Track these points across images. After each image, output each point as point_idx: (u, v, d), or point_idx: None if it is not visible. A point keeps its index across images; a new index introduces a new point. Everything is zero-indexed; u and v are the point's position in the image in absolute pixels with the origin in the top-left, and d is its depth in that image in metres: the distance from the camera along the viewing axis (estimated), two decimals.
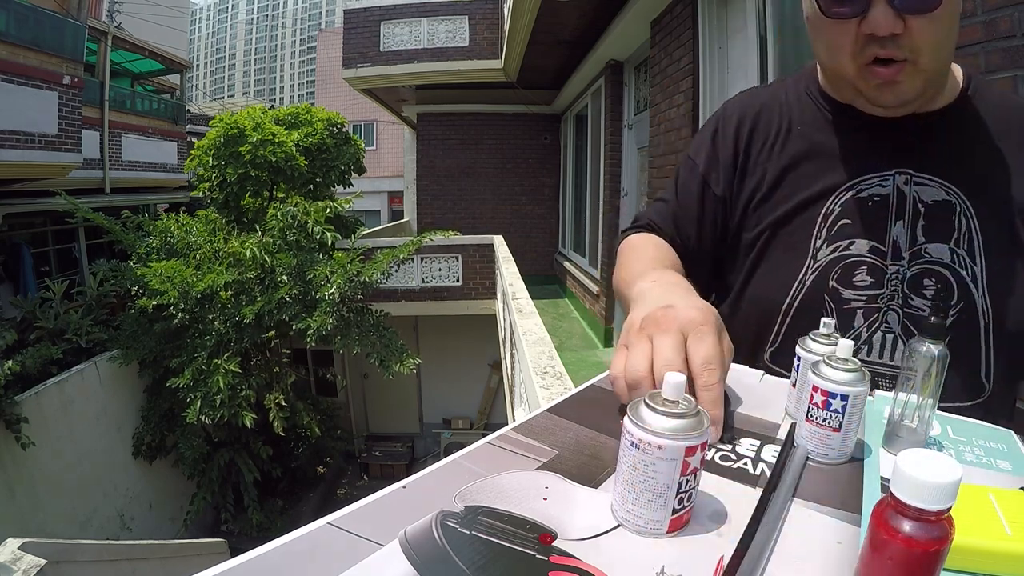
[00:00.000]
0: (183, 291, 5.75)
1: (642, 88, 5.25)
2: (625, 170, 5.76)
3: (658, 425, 0.36)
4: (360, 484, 9.19)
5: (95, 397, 5.93)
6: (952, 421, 0.57)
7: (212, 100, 56.35)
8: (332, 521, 0.37)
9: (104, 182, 8.45)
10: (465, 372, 9.53)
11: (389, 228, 11.38)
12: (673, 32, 3.68)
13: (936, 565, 0.29)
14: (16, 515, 4.91)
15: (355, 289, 6.09)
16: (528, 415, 0.54)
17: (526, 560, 0.34)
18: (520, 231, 9.63)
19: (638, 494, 0.37)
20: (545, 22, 5.28)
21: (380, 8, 8.28)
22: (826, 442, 0.49)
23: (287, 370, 6.92)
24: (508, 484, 0.42)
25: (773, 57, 2.66)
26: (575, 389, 0.60)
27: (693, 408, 0.37)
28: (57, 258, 8.12)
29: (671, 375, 0.38)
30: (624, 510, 0.38)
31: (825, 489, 0.45)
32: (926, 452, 0.29)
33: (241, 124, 6.54)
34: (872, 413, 0.57)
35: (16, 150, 5.91)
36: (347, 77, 8.43)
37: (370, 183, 17.36)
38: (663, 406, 0.37)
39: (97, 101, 8.22)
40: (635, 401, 0.39)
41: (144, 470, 6.55)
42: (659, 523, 0.37)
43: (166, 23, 16.96)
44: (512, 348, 4.25)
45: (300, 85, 71.15)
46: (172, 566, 4.29)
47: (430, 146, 9.82)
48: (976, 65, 1.40)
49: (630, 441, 0.37)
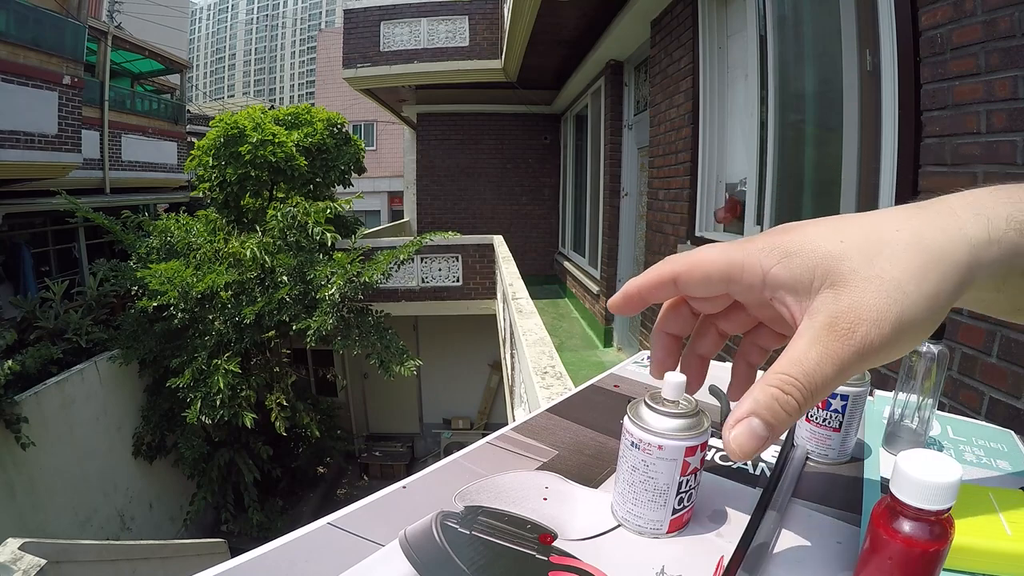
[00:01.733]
0: (183, 291, 5.75)
1: (642, 88, 5.25)
2: (625, 170, 5.76)
3: (658, 425, 0.36)
4: (360, 484, 9.19)
5: (95, 397, 5.92)
6: (952, 421, 0.57)
7: (212, 100, 56.38)
8: (332, 521, 0.37)
9: (104, 182, 8.45)
10: (465, 372, 9.53)
11: (389, 228, 11.38)
12: (673, 32, 3.68)
13: (936, 565, 0.29)
14: (16, 515, 4.91)
15: (355, 289, 6.09)
16: (528, 415, 0.54)
17: (526, 560, 0.34)
18: (520, 231, 9.64)
19: (638, 494, 0.37)
20: (545, 22, 5.28)
21: (380, 8, 8.28)
22: (826, 442, 0.49)
23: (287, 370, 6.92)
24: (508, 484, 0.42)
25: (773, 57, 2.66)
26: (575, 389, 0.60)
27: (693, 408, 0.37)
28: (57, 258, 8.11)
29: (671, 375, 0.37)
30: (624, 510, 0.38)
31: (825, 489, 0.45)
32: (926, 452, 0.29)
33: (241, 124, 6.54)
34: (872, 413, 0.57)
35: (16, 150, 5.91)
36: (347, 77, 8.42)
37: (370, 183, 17.38)
38: (663, 406, 0.37)
39: (97, 101, 8.22)
40: (635, 401, 0.39)
41: (144, 470, 6.55)
42: (659, 523, 0.37)
43: (166, 23, 16.96)
44: (512, 348, 4.25)
45: (300, 85, 71.14)
46: (172, 566, 4.29)
47: (430, 146, 9.82)
48: (976, 65, 1.40)
49: (630, 441, 0.37)
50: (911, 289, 0.28)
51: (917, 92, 1.60)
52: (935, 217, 0.30)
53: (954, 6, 1.46)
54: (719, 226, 3.20)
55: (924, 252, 0.29)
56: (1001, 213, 0.30)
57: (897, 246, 0.29)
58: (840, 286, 0.29)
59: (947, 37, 1.49)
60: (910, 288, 0.28)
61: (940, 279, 0.29)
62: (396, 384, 8.01)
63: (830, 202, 2.20)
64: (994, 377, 1.31)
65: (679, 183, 3.60)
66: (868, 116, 1.93)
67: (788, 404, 0.28)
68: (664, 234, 3.92)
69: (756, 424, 0.29)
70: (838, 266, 0.29)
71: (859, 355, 0.28)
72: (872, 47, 1.85)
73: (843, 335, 0.28)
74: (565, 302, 8.13)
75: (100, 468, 5.92)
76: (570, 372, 2.76)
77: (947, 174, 1.51)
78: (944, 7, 1.50)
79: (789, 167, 2.61)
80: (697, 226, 3.36)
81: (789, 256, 0.30)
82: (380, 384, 8.55)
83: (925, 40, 1.57)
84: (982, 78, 1.38)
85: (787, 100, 2.62)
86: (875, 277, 0.28)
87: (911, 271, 0.28)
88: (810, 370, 0.28)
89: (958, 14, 1.45)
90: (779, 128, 2.65)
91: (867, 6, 1.89)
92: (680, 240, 3.55)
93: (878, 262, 0.29)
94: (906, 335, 0.29)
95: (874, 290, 0.28)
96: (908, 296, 0.28)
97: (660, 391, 0.38)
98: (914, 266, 0.28)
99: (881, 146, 1.79)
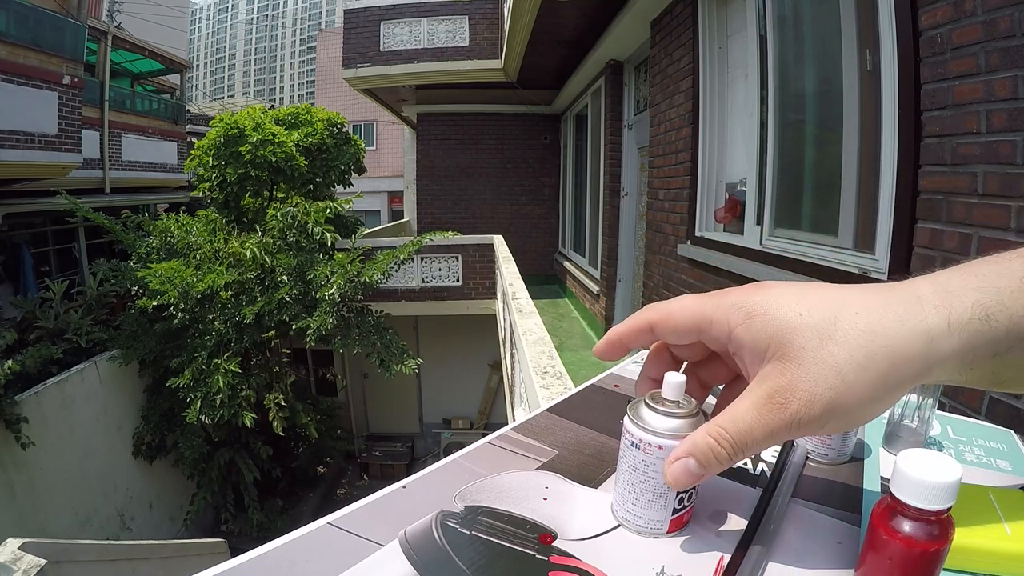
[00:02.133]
0: (183, 291, 5.75)
1: (642, 88, 5.25)
2: (625, 170, 5.76)
3: (659, 425, 0.36)
4: (360, 484, 9.19)
5: (95, 397, 5.93)
6: (952, 421, 0.57)
7: (212, 100, 56.37)
8: (332, 521, 0.37)
9: (104, 182, 8.45)
10: (465, 372, 9.54)
11: (389, 228, 11.38)
12: (673, 32, 3.68)
13: (936, 565, 0.29)
14: (16, 515, 4.91)
15: (355, 289, 6.09)
16: (528, 415, 0.54)
17: (526, 560, 0.34)
18: (520, 231, 9.64)
19: (638, 494, 0.37)
20: (545, 22, 5.28)
21: (380, 8, 8.28)
22: (826, 442, 0.49)
23: (287, 370, 6.92)
24: (508, 484, 0.42)
25: (773, 57, 2.66)
26: (575, 389, 0.60)
27: (694, 408, 0.37)
28: (57, 258, 8.12)
29: (671, 375, 0.37)
30: (624, 510, 0.38)
31: (825, 489, 0.45)
32: (926, 452, 0.29)
33: (241, 124, 6.54)
34: None
35: (16, 150, 5.91)
36: (347, 77, 8.43)
37: (370, 183, 17.37)
38: (664, 406, 0.37)
39: (97, 101, 8.22)
40: (635, 401, 0.38)
41: (144, 470, 6.55)
42: (660, 523, 0.37)
43: (166, 23, 16.96)
44: (512, 348, 4.25)
45: (300, 85, 71.14)
46: (172, 566, 4.29)
47: (430, 146, 9.82)
48: (976, 65, 1.40)
49: (630, 441, 0.37)
50: (851, 377, 0.29)
51: (917, 92, 1.60)
52: (897, 305, 0.31)
53: (954, 6, 1.46)
54: (719, 226, 3.20)
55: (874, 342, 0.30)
56: (967, 301, 0.30)
57: (850, 331, 0.30)
58: (788, 360, 0.31)
59: (947, 37, 1.49)
60: (850, 376, 0.29)
61: (887, 370, 0.29)
62: (396, 384, 8.02)
63: (830, 202, 2.20)
64: None
65: (679, 183, 3.60)
66: (868, 116, 1.93)
67: (720, 454, 0.32)
68: (664, 234, 3.92)
69: (692, 464, 0.32)
70: (791, 339, 0.31)
71: (787, 428, 0.31)
72: (872, 47, 1.85)
73: (777, 408, 0.30)
74: (565, 302, 8.14)
75: (100, 468, 5.92)
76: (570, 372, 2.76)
77: (947, 174, 1.51)
78: (944, 7, 1.50)
79: (789, 167, 2.61)
80: (697, 226, 3.36)
81: (752, 318, 0.32)
82: (380, 384, 8.55)
83: (925, 40, 1.57)
84: (982, 78, 1.38)
85: (787, 100, 2.62)
86: (820, 359, 0.30)
87: (856, 359, 0.29)
88: (743, 431, 0.31)
89: (958, 14, 1.45)
90: (779, 128, 2.65)
91: (867, 6, 1.89)
92: (680, 240, 3.55)
93: (827, 345, 0.30)
94: (836, 417, 0.30)
95: (815, 372, 0.30)
96: (845, 383, 0.29)
97: (660, 391, 0.38)
98: (860, 355, 0.29)
99: (881, 146, 1.79)
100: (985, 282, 0.31)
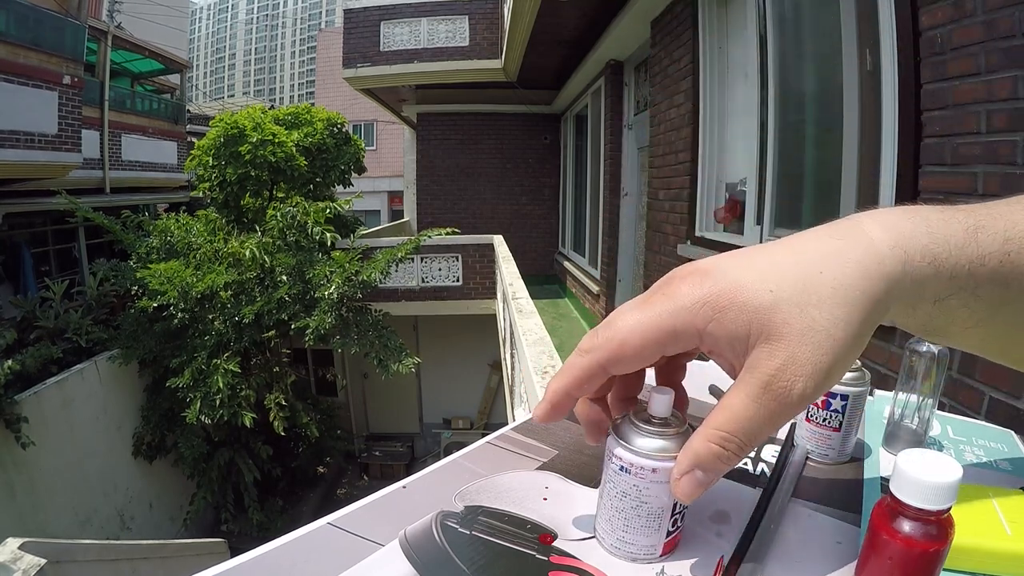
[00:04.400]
0: (183, 291, 5.75)
1: (642, 88, 5.25)
2: (625, 170, 5.76)
3: (650, 447, 0.34)
4: (360, 484, 9.19)
5: (95, 397, 5.93)
6: (952, 421, 0.57)
7: (212, 100, 56.34)
8: (332, 521, 0.37)
9: (104, 182, 8.44)
10: (465, 372, 9.53)
11: (389, 228, 11.38)
12: (673, 32, 3.68)
13: (936, 565, 0.29)
14: (16, 515, 4.91)
15: (354, 288, 6.09)
16: (528, 415, 0.54)
17: (526, 560, 0.34)
18: (520, 231, 9.63)
19: (629, 520, 0.35)
20: (545, 22, 5.28)
21: (380, 8, 8.28)
22: (826, 442, 0.49)
23: (287, 370, 6.92)
24: (508, 484, 0.42)
25: (773, 57, 2.66)
26: None
27: (683, 425, 0.35)
28: (57, 258, 8.11)
29: (659, 390, 0.35)
30: (614, 538, 0.36)
31: (825, 489, 0.45)
32: (926, 452, 0.29)
33: (241, 124, 6.54)
34: (872, 413, 0.57)
35: (16, 150, 5.91)
36: (347, 77, 8.43)
37: (370, 183, 17.37)
38: (653, 425, 0.34)
39: (97, 101, 8.22)
40: (620, 421, 0.36)
41: (144, 470, 6.55)
42: (653, 548, 0.35)
43: (166, 23, 16.95)
44: (512, 348, 4.25)
45: (300, 85, 71.13)
46: (172, 566, 4.29)
47: (430, 146, 9.82)
48: (976, 65, 1.40)
49: (619, 466, 0.34)
50: (840, 335, 0.29)
51: (917, 92, 1.60)
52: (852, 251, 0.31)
53: (954, 6, 1.46)
54: (719, 226, 3.21)
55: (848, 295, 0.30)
56: (917, 245, 0.31)
57: (823, 292, 0.30)
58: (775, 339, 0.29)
59: (947, 37, 1.49)
60: (839, 334, 0.29)
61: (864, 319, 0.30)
62: (396, 384, 8.01)
63: (830, 202, 2.20)
64: (994, 377, 1.31)
65: (679, 183, 3.60)
66: (868, 116, 1.93)
67: (729, 459, 0.30)
68: (664, 234, 3.92)
69: (700, 476, 0.31)
70: (771, 318, 0.29)
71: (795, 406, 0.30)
72: (872, 47, 1.85)
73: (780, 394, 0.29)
74: (565, 302, 8.13)
75: (100, 468, 5.92)
76: None
77: (947, 174, 1.52)
78: (944, 7, 1.50)
79: (789, 167, 2.61)
80: (697, 226, 3.36)
81: (721, 311, 0.30)
82: (380, 384, 8.55)
83: (925, 40, 1.57)
84: (982, 78, 1.38)
85: (787, 100, 2.62)
86: (807, 328, 0.29)
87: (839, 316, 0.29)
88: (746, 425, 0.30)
89: (958, 14, 1.45)
90: (779, 128, 2.65)
91: (867, 6, 1.89)
92: (680, 240, 3.55)
93: (808, 311, 0.29)
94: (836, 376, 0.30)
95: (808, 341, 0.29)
96: (837, 342, 0.29)
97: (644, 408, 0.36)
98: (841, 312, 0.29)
99: (881, 146, 1.79)
100: (934, 228, 0.32)
